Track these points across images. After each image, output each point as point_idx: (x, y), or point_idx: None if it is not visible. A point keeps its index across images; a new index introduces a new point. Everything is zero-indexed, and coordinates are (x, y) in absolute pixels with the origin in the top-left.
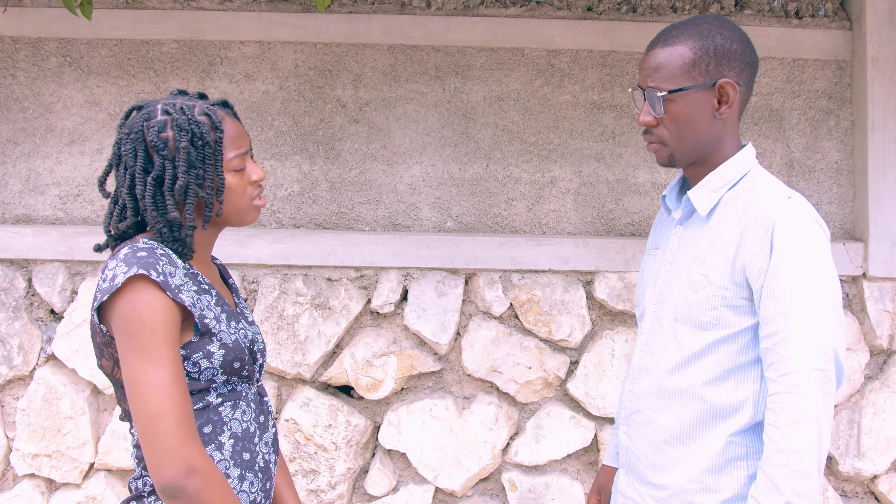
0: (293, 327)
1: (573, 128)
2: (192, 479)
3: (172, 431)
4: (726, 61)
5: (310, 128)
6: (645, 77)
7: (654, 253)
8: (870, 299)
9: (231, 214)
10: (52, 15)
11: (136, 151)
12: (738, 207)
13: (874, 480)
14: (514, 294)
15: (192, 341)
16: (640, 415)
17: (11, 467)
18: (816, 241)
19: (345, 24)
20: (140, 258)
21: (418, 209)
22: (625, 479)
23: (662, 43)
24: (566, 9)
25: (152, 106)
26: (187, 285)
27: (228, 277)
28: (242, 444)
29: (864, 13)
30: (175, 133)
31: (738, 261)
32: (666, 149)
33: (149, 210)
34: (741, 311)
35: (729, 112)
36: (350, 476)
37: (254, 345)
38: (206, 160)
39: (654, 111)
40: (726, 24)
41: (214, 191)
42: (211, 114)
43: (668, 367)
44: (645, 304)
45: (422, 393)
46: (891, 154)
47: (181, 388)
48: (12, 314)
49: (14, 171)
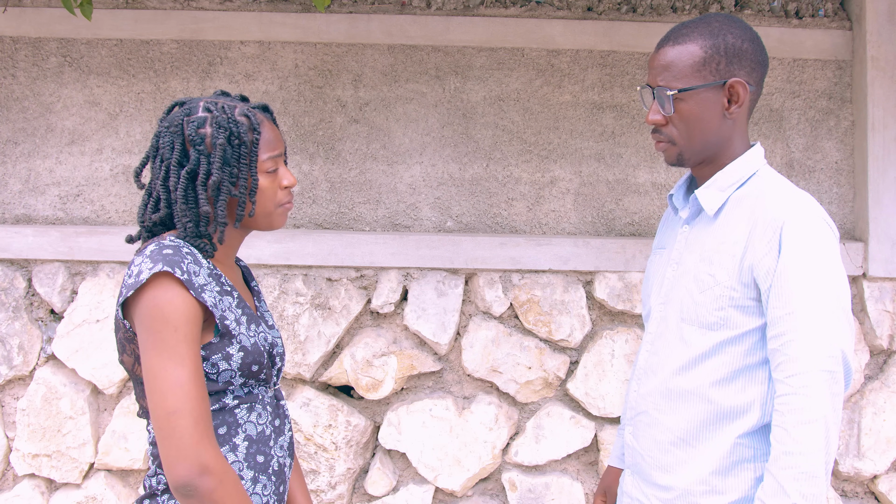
0: (293, 327)
1: (573, 128)
2: (206, 478)
3: (188, 430)
4: (737, 60)
5: (310, 128)
6: (654, 75)
7: (660, 253)
8: (870, 299)
9: (259, 217)
10: (52, 15)
11: (174, 144)
12: (746, 207)
13: (874, 480)
14: (514, 294)
15: (211, 342)
16: (647, 415)
17: (11, 467)
18: (825, 242)
19: (345, 24)
20: (165, 255)
21: (418, 209)
22: (630, 479)
23: (673, 41)
24: (566, 9)
25: (194, 103)
26: (210, 285)
27: (252, 280)
28: (257, 447)
29: (864, 13)
30: (213, 130)
31: (746, 261)
32: (675, 148)
33: (178, 202)
34: (749, 311)
35: (739, 112)
36: (350, 476)
37: (273, 349)
38: (241, 159)
39: (664, 110)
40: (737, 23)
41: (248, 191)
42: (251, 115)
43: (675, 368)
44: (651, 303)
45: (422, 393)
46: (891, 154)
47: (199, 387)
48: (12, 314)
49: (14, 171)
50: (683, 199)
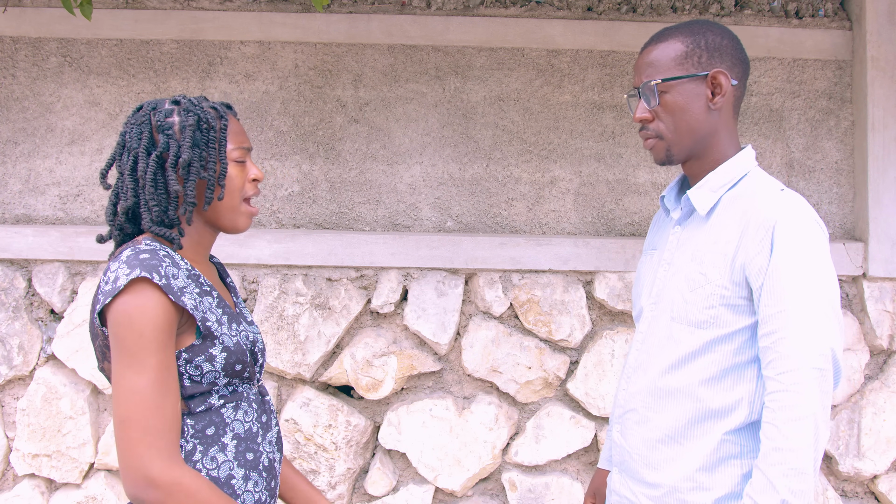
0: (293, 327)
1: (573, 128)
2: (150, 491)
3: (134, 440)
4: (718, 54)
5: (310, 128)
6: (639, 74)
7: (651, 254)
8: (870, 299)
9: (225, 210)
10: (52, 15)
11: (142, 134)
12: (738, 207)
13: (874, 480)
14: (514, 294)
15: (194, 345)
16: (636, 413)
17: (11, 467)
18: (817, 242)
19: (345, 24)
20: (143, 260)
21: (418, 209)
22: (618, 477)
23: (655, 41)
24: (566, 9)
25: (159, 100)
26: (189, 287)
27: (226, 276)
28: (246, 445)
29: (864, 13)
30: (182, 118)
31: (738, 260)
32: (663, 143)
33: (147, 187)
34: (739, 310)
35: (723, 103)
36: (350, 476)
37: (255, 346)
38: (209, 143)
39: (650, 104)
40: (717, 25)
41: (216, 175)
42: (217, 107)
43: (665, 367)
44: (642, 303)
45: (422, 393)
46: (891, 154)
47: (158, 396)
48: (12, 314)
49: (14, 171)
50: (675, 201)
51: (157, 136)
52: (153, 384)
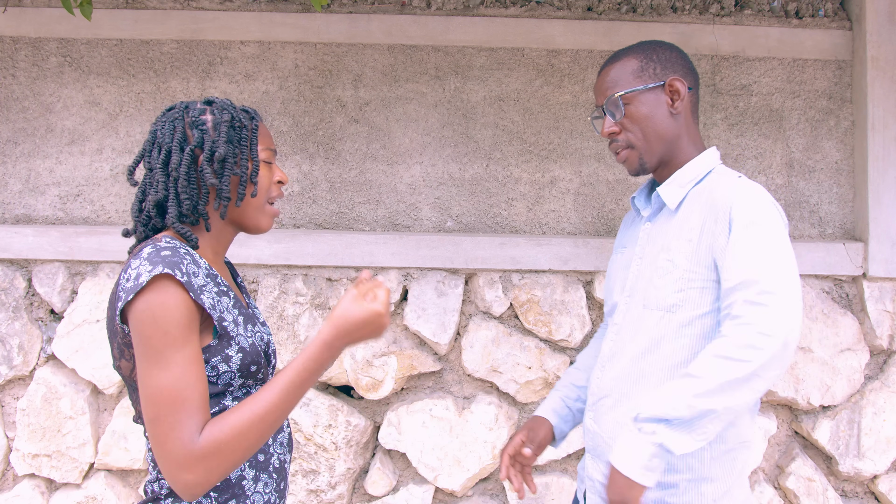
0: (293, 327)
1: (573, 128)
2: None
3: (165, 437)
4: (670, 65)
5: (310, 128)
6: (602, 94)
7: (621, 252)
8: (870, 299)
9: (251, 210)
10: (52, 15)
11: (175, 129)
12: (703, 199)
13: (874, 480)
14: (514, 294)
15: (210, 345)
16: (609, 398)
17: (11, 467)
18: (772, 218)
19: (345, 24)
20: (164, 257)
21: (418, 209)
22: (592, 463)
23: (611, 62)
24: (566, 9)
25: (191, 101)
26: (209, 286)
27: (237, 276)
28: None
29: (864, 13)
30: (216, 115)
31: (703, 243)
32: (635, 152)
33: (181, 180)
34: (706, 292)
35: (682, 108)
36: (350, 476)
37: (268, 347)
38: (241, 141)
39: (615, 117)
40: (663, 42)
41: (249, 172)
42: (248, 109)
43: (638, 352)
44: (615, 299)
45: (422, 393)
46: (891, 154)
47: (186, 390)
48: (12, 314)
49: (14, 171)
50: (645, 201)
51: (190, 132)
52: (179, 380)
